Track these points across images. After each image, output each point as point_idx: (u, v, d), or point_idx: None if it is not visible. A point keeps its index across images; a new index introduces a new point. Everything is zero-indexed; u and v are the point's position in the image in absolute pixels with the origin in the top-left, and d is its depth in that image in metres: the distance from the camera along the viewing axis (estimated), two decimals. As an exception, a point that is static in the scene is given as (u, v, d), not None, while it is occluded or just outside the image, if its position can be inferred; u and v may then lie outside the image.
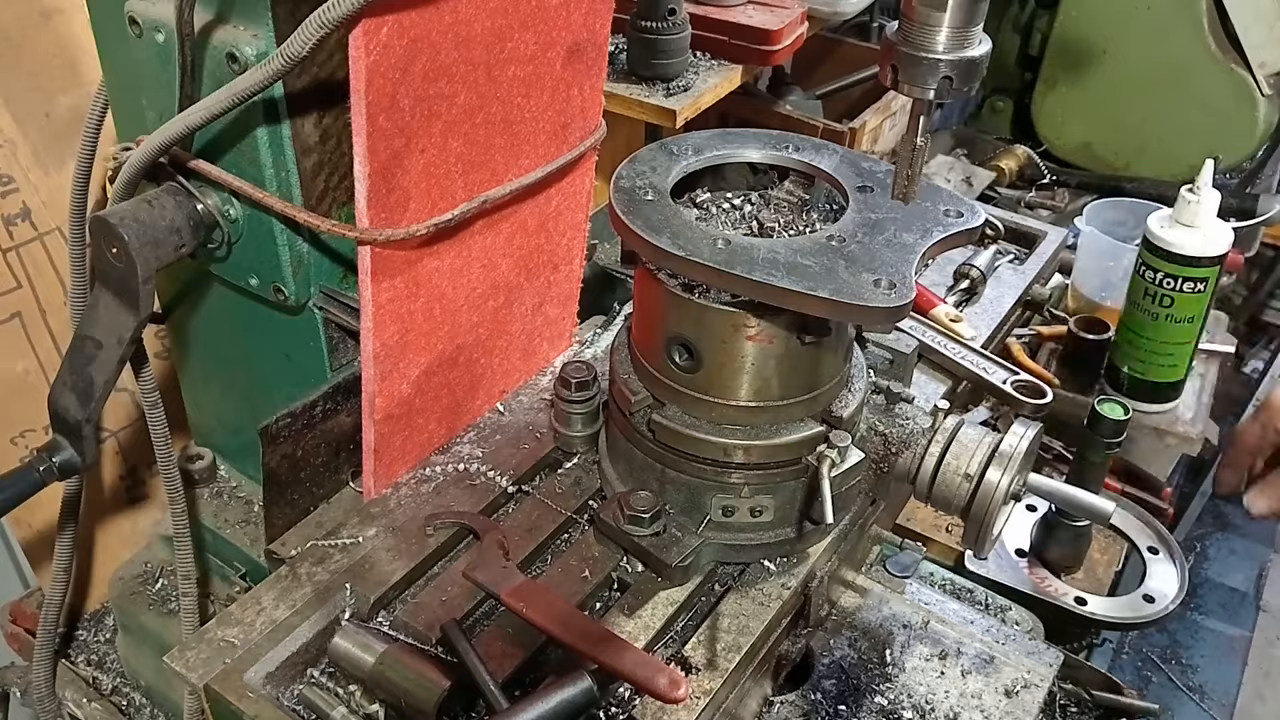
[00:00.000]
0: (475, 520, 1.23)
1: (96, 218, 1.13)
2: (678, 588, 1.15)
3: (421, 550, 1.20)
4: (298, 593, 1.16)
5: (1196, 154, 1.77)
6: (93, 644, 1.69)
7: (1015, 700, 1.20)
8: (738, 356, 1.08)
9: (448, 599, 1.14)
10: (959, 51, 0.92)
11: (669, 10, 1.85)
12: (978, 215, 1.12)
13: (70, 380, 1.23)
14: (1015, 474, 1.10)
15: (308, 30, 0.96)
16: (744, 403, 1.11)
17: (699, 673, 1.07)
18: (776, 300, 1.00)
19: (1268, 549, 3.40)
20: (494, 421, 1.41)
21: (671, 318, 1.11)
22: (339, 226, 1.13)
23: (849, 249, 1.05)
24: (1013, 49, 2.89)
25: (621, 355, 1.21)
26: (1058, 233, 1.91)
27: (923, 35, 0.92)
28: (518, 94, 1.22)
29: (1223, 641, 3.11)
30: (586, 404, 1.31)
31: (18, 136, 1.59)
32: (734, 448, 1.12)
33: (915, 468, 1.16)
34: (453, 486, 1.30)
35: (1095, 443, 1.49)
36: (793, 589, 1.17)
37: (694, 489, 1.16)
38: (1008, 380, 1.43)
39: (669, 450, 1.15)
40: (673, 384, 1.13)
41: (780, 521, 1.17)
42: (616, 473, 1.25)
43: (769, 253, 1.03)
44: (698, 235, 1.04)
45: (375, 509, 1.26)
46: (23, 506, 1.28)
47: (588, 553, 1.19)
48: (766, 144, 1.22)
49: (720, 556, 1.19)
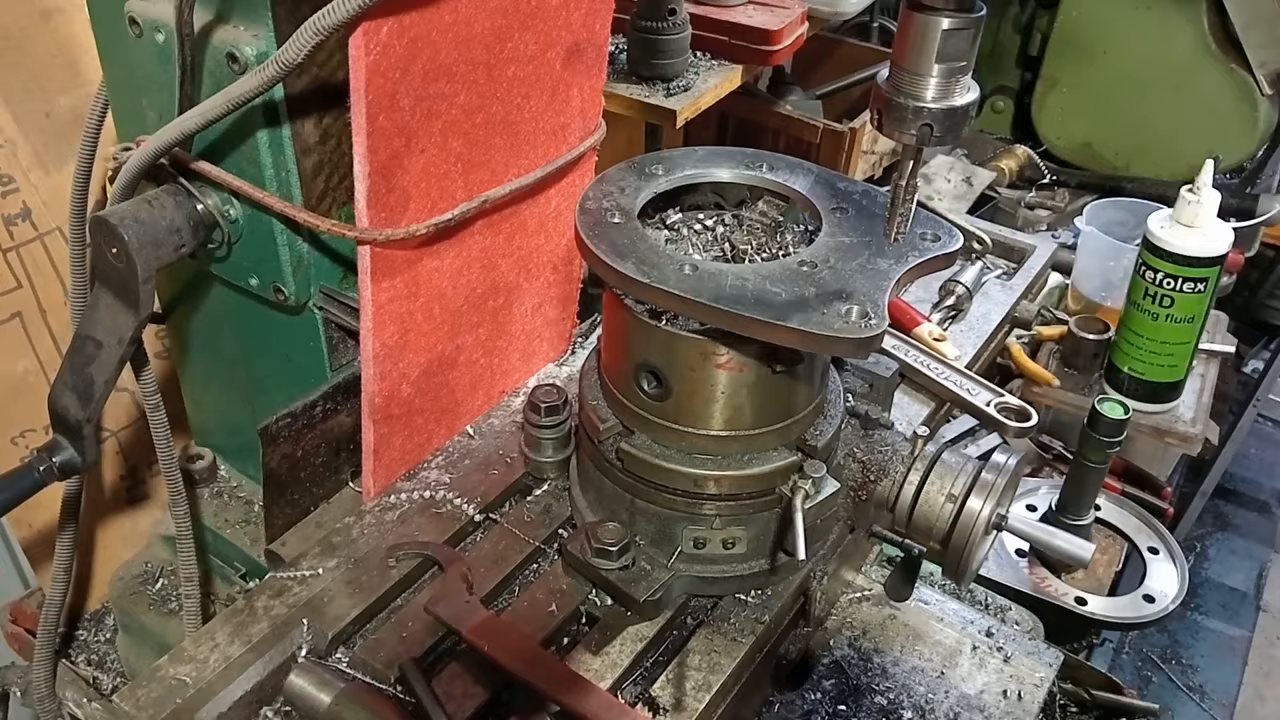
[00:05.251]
0: (439, 551, 1.19)
1: (96, 218, 1.13)
2: (647, 622, 1.11)
3: (383, 582, 1.17)
4: (254, 628, 1.12)
5: (1196, 154, 1.77)
6: (93, 644, 1.69)
7: (1015, 700, 1.20)
8: (708, 385, 1.05)
9: (408, 635, 1.10)
10: (943, 101, 0.93)
11: (669, 10, 1.85)
12: (955, 239, 1.08)
13: (70, 380, 1.22)
14: (997, 503, 1.08)
15: (303, 36, 0.96)
16: (715, 432, 1.08)
17: (666, 714, 1.04)
18: (743, 330, 0.96)
19: (1268, 549, 3.41)
20: (463, 446, 1.37)
21: (639, 344, 1.07)
22: (339, 226, 1.13)
23: (820, 275, 1.00)
24: (1013, 49, 2.89)
25: (591, 380, 1.17)
26: (1046, 246, 1.87)
27: (907, 83, 0.93)
28: (518, 94, 1.22)
29: (1223, 641, 3.12)
30: (557, 429, 1.27)
31: (18, 136, 1.59)
32: (705, 478, 1.08)
33: (894, 496, 1.13)
34: (418, 515, 1.26)
35: (1095, 443, 1.49)
36: (766, 624, 1.13)
37: (665, 520, 1.12)
38: (991, 402, 1.39)
39: (638, 480, 1.11)
40: (641, 412, 1.10)
41: (754, 553, 1.13)
42: (587, 501, 1.21)
43: (737, 279, 0.99)
44: (664, 260, 1.01)
45: (338, 539, 1.23)
46: (23, 506, 1.28)
47: (555, 585, 1.15)
48: (740, 163, 1.18)
49: (692, 589, 1.15)
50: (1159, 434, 1.77)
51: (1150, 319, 1.70)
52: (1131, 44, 2.62)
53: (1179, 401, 1.79)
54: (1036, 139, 2.83)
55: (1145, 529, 1.69)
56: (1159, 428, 1.77)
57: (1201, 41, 2.53)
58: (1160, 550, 1.66)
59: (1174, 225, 1.66)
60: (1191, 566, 2.63)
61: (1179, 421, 1.77)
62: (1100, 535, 1.66)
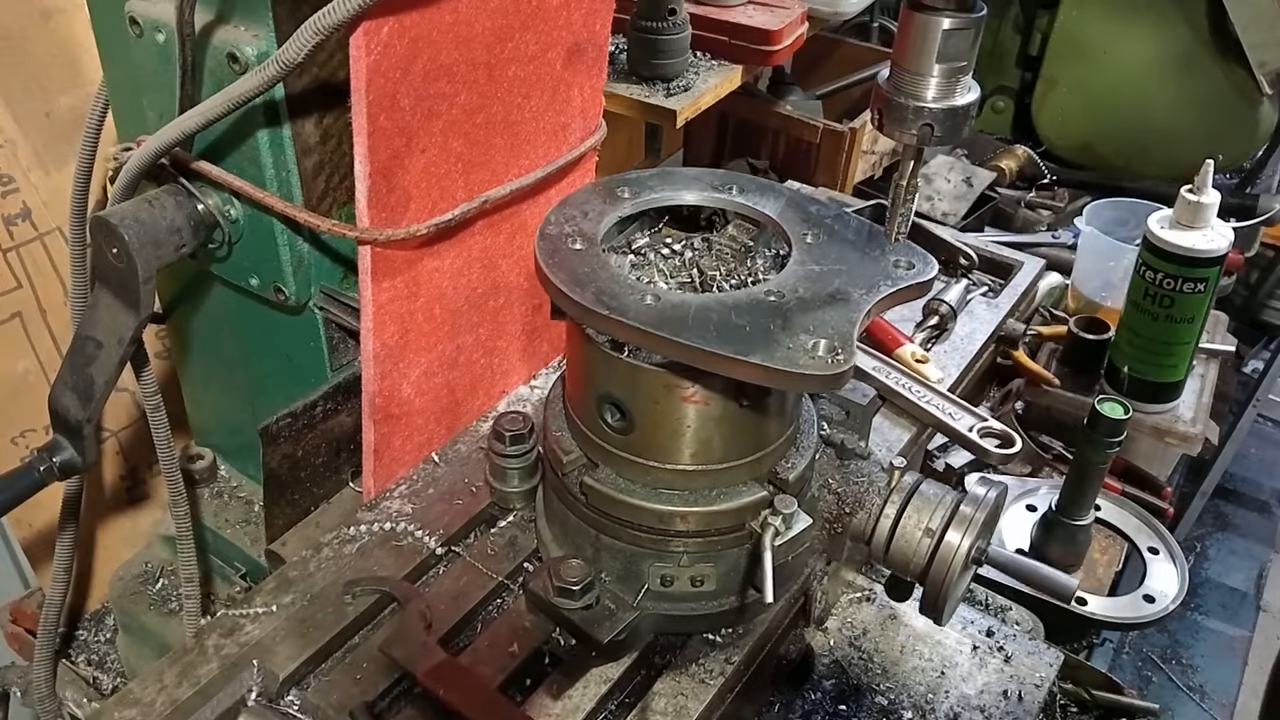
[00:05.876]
0: (397, 587, 1.14)
1: (97, 218, 1.13)
2: (612, 663, 1.06)
3: (339, 621, 1.12)
4: (203, 669, 1.07)
5: (1196, 154, 1.77)
6: (93, 644, 1.69)
7: (1015, 701, 1.20)
8: (673, 418, 1.00)
9: (363, 676, 1.06)
10: (944, 101, 0.93)
11: (669, 10, 1.86)
12: (931, 267, 1.03)
13: (71, 380, 1.22)
14: (977, 537, 1.04)
15: (303, 37, 0.96)
16: (681, 466, 1.03)
17: None
18: (705, 365, 0.92)
19: (1268, 549, 3.41)
20: (428, 473, 1.32)
21: (600, 376, 1.02)
22: (339, 226, 1.13)
23: (788, 306, 0.96)
24: (1013, 49, 2.89)
25: (556, 409, 1.12)
26: (1034, 263, 1.83)
27: (908, 83, 0.93)
28: (518, 94, 1.22)
29: (1223, 641, 3.12)
30: (522, 458, 1.22)
31: (18, 136, 1.59)
32: (671, 514, 1.03)
33: (870, 529, 1.09)
34: (378, 548, 1.21)
35: (1095, 443, 1.49)
36: (736, 664, 1.09)
37: (630, 556, 1.07)
38: (974, 427, 1.31)
39: (603, 515, 1.06)
40: (605, 445, 1.05)
41: (723, 590, 1.09)
42: (552, 534, 1.16)
43: (701, 311, 0.94)
44: (625, 290, 0.96)
45: (294, 572, 1.18)
46: (23, 506, 1.28)
47: (518, 623, 1.10)
48: (708, 185, 1.14)
49: (659, 628, 1.10)
50: (1159, 434, 1.77)
51: (1150, 319, 1.70)
52: (1131, 44, 2.62)
53: (1179, 401, 1.79)
54: (1036, 139, 2.84)
55: (1145, 529, 1.68)
56: (1159, 428, 1.77)
57: (1201, 42, 2.53)
58: (1160, 550, 1.65)
59: (1174, 225, 1.66)
60: (1191, 566, 2.63)
61: (1179, 421, 1.77)
62: (1100, 535, 1.66)
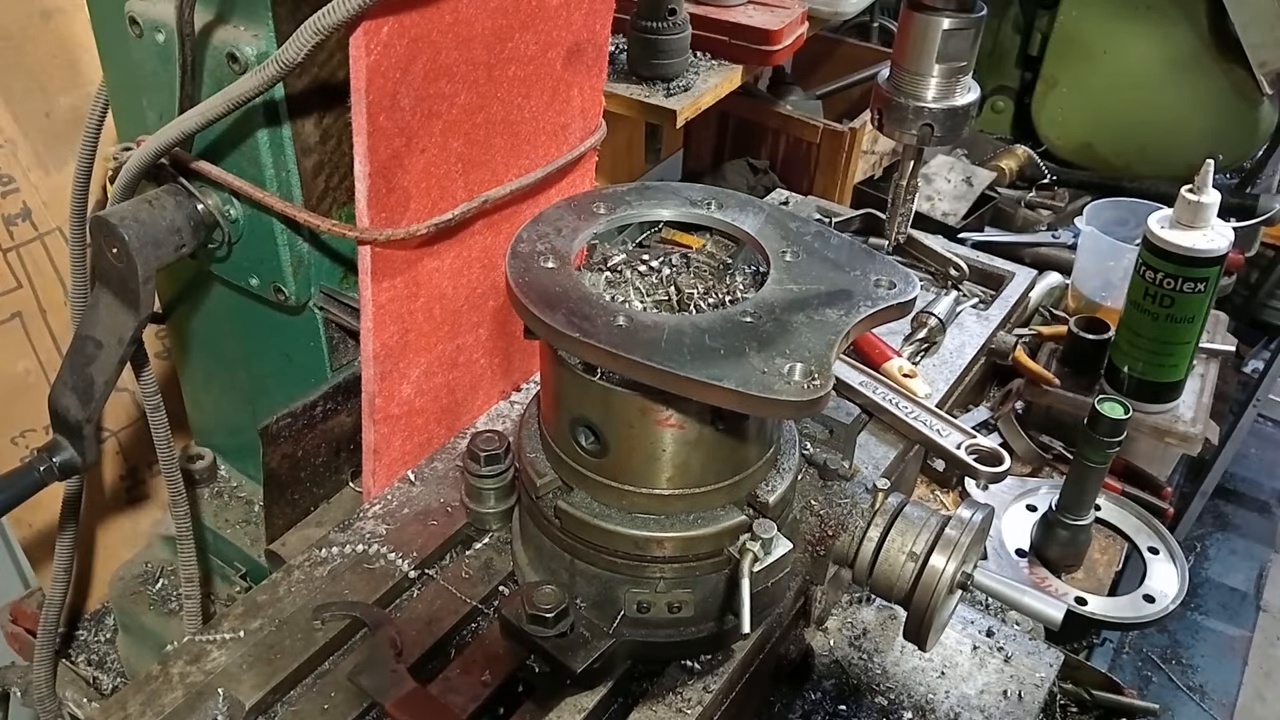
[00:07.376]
0: (368, 612, 1.11)
1: (97, 218, 1.13)
2: (587, 692, 1.03)
3: (308, 647, 1.09)
4: (167, 697, 1.04)
5: (1196, 154, 1.77)
6: (93, 644, 1.69)
7: (1015, 700, 1.20)
8: (648, 441, 0.97)
9: (330, 706, 1.03)
10: (944, 101, 0.93)
11: (669, 10, 1.85)
12: (912, 286, 1.01)
13: (70, 380, 1.23)
14: (962, 561, 1.02)
15: (302, 37, 0.96)
16: (657, 490, 1.00)
17: None
18: (676, 389, 0.89)
19: (1268, 549, 3.41)
20: (403, 493, 1.29)
21: (574, 399, 1.00)
22: (339, 226, 1.13)
23: (764, 328, 0.93)
24: (1013, 49, 2.89)
25: (530, 429, 1.09)
26: (1026, 274, 1.79)
27: (908, 83, 0.93)
28: (518, 94, 1.22)
29: (1223, 641, 3.12)
30: (498, 478, 1.19)
31: (18, 136, 1.59)
32: (648, 540, 1.00)
33: (854, 551, 1.06)
34: (349, 571, 1.18)
35: (1095, 443, 1.49)
36: (715, 693, 1.05)
37: (606, 582, 1.04)
38: (962, 445, 1.30)
39: (578, 540, 1.04)
40: (580, 468, 1.02)
41: (702, 616, 1.06)
42: (528, 558, 1.13)
43: (674, 334, 0.91)
44: (597, 311, 0.93)
45: (262, 596, 1.15)
46: (23, 506, 1.28)
47: (492, 650, 1.07)
48: (686, 200, 1.11)
49: (636, 655, 1.07)
50: (1159, 434, 1.77)
51: (1150, 319, 1.70)
52: (1131, 44, 2.62)
53: (1179, 401, 1.79)
54: (1036, 139, 2.83)
55: (1145, 529, 1.68)
56: (1159, 428, 1.77)
57: (1201, 41, 2.53)
58: (1160, 550, 1.66)
59: (1174, 225, 1.66)
60: (1191, 566, 2.63)
61: (1179, 421, 1.77)
62: (1100, 535, 1.66)
